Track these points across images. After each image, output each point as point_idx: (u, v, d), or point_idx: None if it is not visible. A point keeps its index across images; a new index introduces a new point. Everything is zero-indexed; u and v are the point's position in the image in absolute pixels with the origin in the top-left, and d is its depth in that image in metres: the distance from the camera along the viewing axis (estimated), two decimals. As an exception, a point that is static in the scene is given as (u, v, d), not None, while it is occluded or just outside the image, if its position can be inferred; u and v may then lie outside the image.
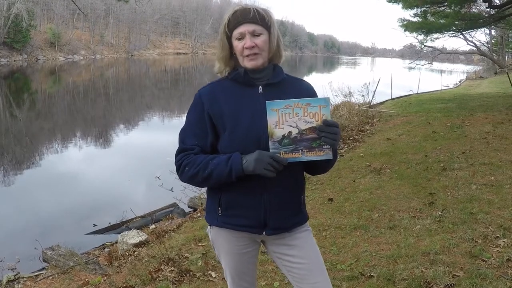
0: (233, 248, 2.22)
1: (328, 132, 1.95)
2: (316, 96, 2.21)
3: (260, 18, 2.06)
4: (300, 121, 1.96)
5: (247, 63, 2.08)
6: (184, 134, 2.18)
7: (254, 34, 2.06)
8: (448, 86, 33.54)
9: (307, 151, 1.97)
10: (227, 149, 2.07)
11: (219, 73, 2.21)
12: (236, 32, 2.07)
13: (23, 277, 5.27)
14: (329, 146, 1.97)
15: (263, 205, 2.11)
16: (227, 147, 2.08)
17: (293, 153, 1.98)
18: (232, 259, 2.24)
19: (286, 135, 1.97)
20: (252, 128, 2.05)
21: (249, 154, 1.99)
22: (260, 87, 2.12)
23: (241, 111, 2.08)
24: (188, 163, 2.09)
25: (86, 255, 6.07)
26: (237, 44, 2.08)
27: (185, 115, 2.23)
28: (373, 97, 17.66)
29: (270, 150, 1.98)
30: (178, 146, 2.18)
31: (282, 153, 1.98)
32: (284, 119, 1.96)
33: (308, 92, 2.21)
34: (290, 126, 1.96)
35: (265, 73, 2.13)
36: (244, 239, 2.21)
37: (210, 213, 2.25)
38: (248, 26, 2.05)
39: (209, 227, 2.30)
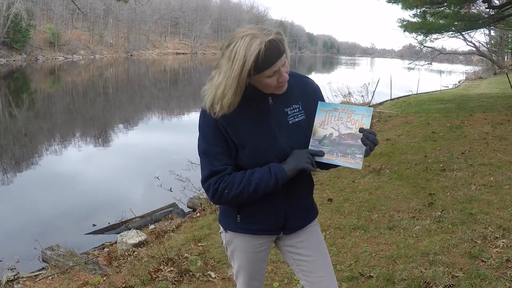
0: (249, 248, 2.21)
1: (371, 142, 1.97)
2: (320, 92, 2.22)
3: (283, 42, 1.88)
4: (342, 125, 2.02)
5: (278, 91, 2.00)
6: (209, 156, 2.01)
7: (283, 65, 1.91)
8: (448, 87, 33.59)
9: (341, 156, 2.01)
10: (248, 165, 2.02)
11: (213, 111, 1.94)
12: (269, 72, 1.87)
13: (23, 277, 5.27)
14: (361, 156, 1.98)
15: (284, 211, 2.13)
16: (247, 162, 2.02)
17: (328, 155, 2.03)
18: (248, 259, 2.24)
19: (327, 135, 2.03)
20: (274, 143, 2.02)
21: (285, 161, 2.01)
22: (270, 97, 2.03)
23: (259, 126, 2.01)
24: (226, 185, 1.97)
25: (85, 255, 6.07)
26: (270, 82, 1.91)
27: (184, 115, 2.20)
28: (372, 98, 17.70)
29: (310, 147, 2.03)
30: (204, 170, 2.02)
31: None
32: (329, 120, 2.04)
33: (313, 90, 2.18)
34: (333, 128, 2.03)
35: None
36: (262, 238, 2.21)
37: (226, 218, 2.21)
38: (280, 60, 1.88)
39: (223, 230, 2.26)
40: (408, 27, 19.23)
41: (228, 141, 2.00)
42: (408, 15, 20.33)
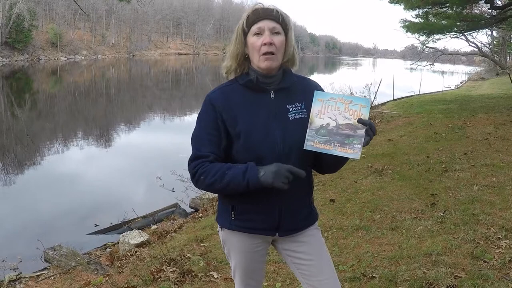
0: (245, 247, 2.22)
1: (373, 133, 2.01)
2: None
3: (281, 18, 2.06)
4: (339, 115, 2.02)
5: (262, 63, 2.05)
6: (198, 141, 2.12)
7: (273, 32, 2.04)
8: (450, 87, 33.59)
9: (339, 145, 2.01)
10: (242, 156, 2.07)
11: (226, 72, 2.16)
12: (255, 27, 2.04)
13: (25, 277, 5.28)
14: (360, 146, 1.99)
15: (277, 209, 2.13)
16: (241, 154, 2.07)
17: (326, 145, 2.02)
18: (243, 258, 2.25)
19: (324, 125, 2.02)
20: (267, 136, 2.06)
21: (266, 166, 1.98)
22: (272, 92, 2.11)
23: (255, 117, 2.08)
24: (203, 172, 2.05)
25: (87, 255, 6.07)
26: (255, 41, 2.04)
27: (187, 116, 2.23)
28: (374, 98, 17.71)
29: (307, 137, 2.02)
30: (191, 152, 2.12)
31: (316, 142, 2.02)
32: (326, 110, 2.03)
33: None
34: (330, 118, 2.02)
35: (276, 78, 2.12)
36: (257, 239, 2.22)
37: (222, 215, 2.24)
38: (269, 23, 2.04)
39: (219, 228, 2.29)
40: (410, 27, 19.22)
41: (221, 133, 2.08)
42: (411, 15, 20.38)
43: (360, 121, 1.99)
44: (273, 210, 2.12)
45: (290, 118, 2.10)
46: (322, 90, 2.21)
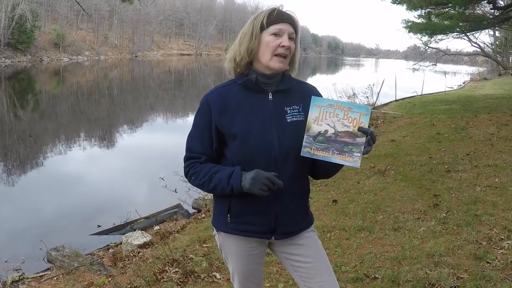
0: (242, 251, 2.22)
1: (373, 141, 2.01)
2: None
3: (297, 27, 2.11)
4: (338, 122, 1.99)
5: (275, 63, 2.06)
6: (191, 141, 2.17)
7: (290, 37, 2.07)
8: (452, 88, 33.55)
9: (337, 153, 1.99)
10: (238, 157, 2.07)
11: (236, 66, 2.13)
12: (274, 27, 2.05)
13: (28, 278, 5.28)
14: (359, 155, 1.98)
15: (274, 213, 2.12)
16: (237, 155, 2.08)
17: (324, 152, 2.00)
18: (241, 261, 2.24)
19: (322, 132, 2.00)
20: (263, 137, 2.05)
21: (248, 172, 2.00)
22: (270, 93, 2.11)
23: (252, 119, 2.07)
24: (194, 172, 2.12)
25: (90, 255, 6.07)
26: (272, 40, 2.04)
27: (189, 116, 2.23)
28: (377, 99, 17.69)
29: (304, 143, 2.01)
30: (185, 152, 2.19)
31: (313, 149, 2.00)
32: (324, 117, 2.00)
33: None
34: (328, 124, 2.00)
35: (275, 79, 2.12)
36: (253, 242, 2.21)
37: (218, 218, 2.24)
38: (289, 27, 2.07)
39: (216, 232, 2.30)
40: (413, 28, 19.21)
41: (213, 134, 2.11)
42: (413, 16, 20.40)
43: (360, 129, 1.98)
44: (270, 213, 2.12)
45: (288, 120, 2.10)
46: (320, 95, 2.21)
